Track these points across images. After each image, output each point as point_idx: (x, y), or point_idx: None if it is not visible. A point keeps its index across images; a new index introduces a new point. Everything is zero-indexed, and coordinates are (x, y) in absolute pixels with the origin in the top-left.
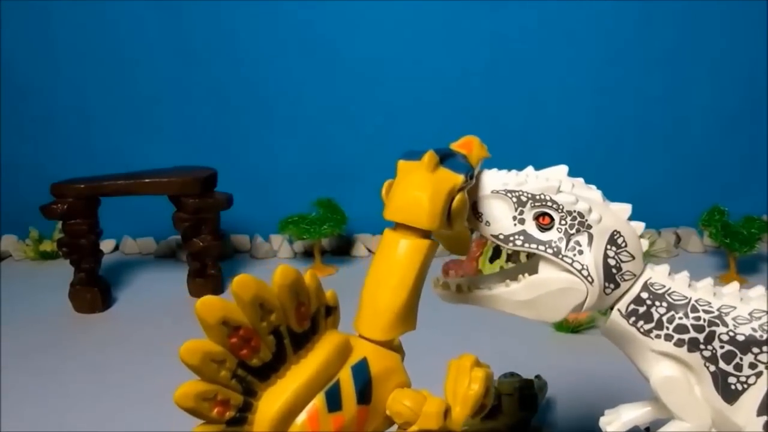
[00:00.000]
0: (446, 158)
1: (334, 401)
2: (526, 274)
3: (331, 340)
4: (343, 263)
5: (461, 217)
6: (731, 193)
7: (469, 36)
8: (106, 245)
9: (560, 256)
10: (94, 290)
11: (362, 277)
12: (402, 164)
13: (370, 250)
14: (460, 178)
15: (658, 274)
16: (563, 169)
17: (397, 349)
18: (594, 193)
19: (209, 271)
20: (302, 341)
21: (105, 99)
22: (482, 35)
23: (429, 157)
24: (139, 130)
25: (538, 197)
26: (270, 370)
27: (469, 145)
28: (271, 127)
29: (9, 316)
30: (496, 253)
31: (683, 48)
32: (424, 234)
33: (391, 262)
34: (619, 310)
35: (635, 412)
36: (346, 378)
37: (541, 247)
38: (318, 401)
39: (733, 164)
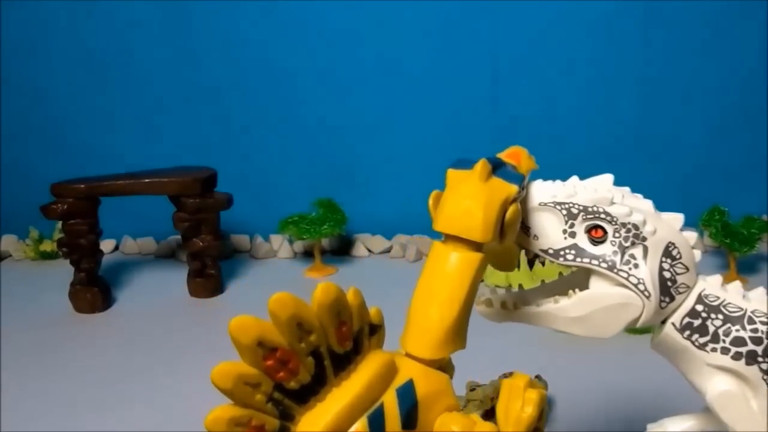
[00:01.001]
0: (498, 168)
1: (377, 426)
2: (577, 290)
3: (374, 361)
4: (343, 263)
5: (514, 230)
6: (731, 193)
7: (470, 36)
8: (106, 245)
9: (615, 271)
10: (94, 290)
11: (362, 277)
12: (452, 173)
13: (370, 250)
14: (514, 188)
15: (711, 286)
16: (609, 178)
17: (446, 368)
18: (645, 203)
19: (209, 271)
20: (344, 362)
21: (105, 99)
22: (483, 36)
23: (482, 165)
24: (139, 130)
25: (590, 209)
26: (309, 393)
27: (518, 156)
28: (271, 127)
29: (9, 316)
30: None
31: (683, 48)
32: (476, 247)
33: (441, 277)
34: (673, 323)
35: (681, 425)
36: (390, 401)
37: (594, 262)
38: (360, 426)
39: (733, 164)
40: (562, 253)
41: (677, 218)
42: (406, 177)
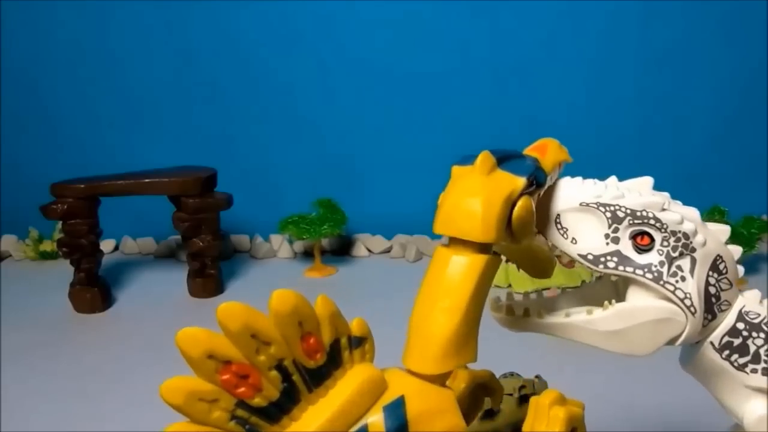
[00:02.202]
0: (506, 160)
1: None
2: (614, 301)
3: (357, 376)
4: (343, 263)
5: (526, 228)
6: (731, 193)
7: (471, 37)
8: (106, 245)
9: (661, 283)
10: (94, 290)
11: (362, 277)
12: (455, 170)
13: (370, 250)
14: (521, 181)
15: (751, 302)
16: (649, 181)
17: (488, 387)
18: (691, 211)
19: (209, 271)
20: (318, 377)
21: (105, 99)
22: (483, 35)
23: (483, 158)
24: (139, 130)
25: (638, 214)
26: (280, 412)
27: (543, 148)
28: (272, 127)
29: (9, 316)
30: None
31: (683, 48)
32: (481, 248)
33: (442, 283)
34: (711, 342)
35: None
36: (376, 420)
37: (639, 272)
38: None
39: (733, 164)
40: (602, 259)
41: (724, 230)
42: (406, 177)
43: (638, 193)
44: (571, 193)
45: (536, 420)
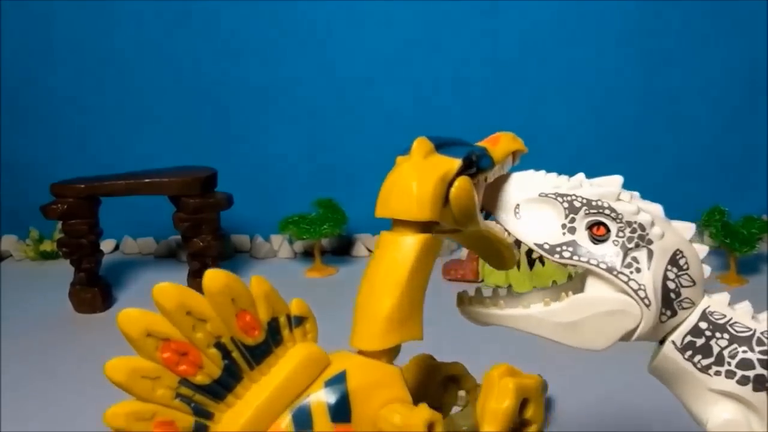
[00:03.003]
0: (445, 146)
1: (302, 421)
2: (570, 293)
3: (298, 353)
4: (343, 263)
5: (465, 208)
6: (731, 193)
7: (470, 36)
8: (107, 245)
9: (615, 273)
10: (94, 290)
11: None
12: (397, 159)
13: (370, 250)
14: (455, 162)
15: (717, 303)
16: (618, 180)
17: (438, 371)
18: (653, 205)
19: None
20: (259, 354)
21: (105, 99)
22: (483, 35)
23: (418, 143)
24: (140, 130)
25: (594, 203)
26: (224, 389)
27: (496, 139)
28: (271, 127)
29: (9, 316)
30: None
31: (683, 48)
32: (420, 228)
33: (381, 263)
34: (673, 342)
35: None
36: (317, 394)
37: (593, 261)
38: (282, 421)
39: (733, 164)
40: (558, 249)
41: (688, 227)
42: None
43: (599, 185)
44: (531, 184)
45: (487, 394)
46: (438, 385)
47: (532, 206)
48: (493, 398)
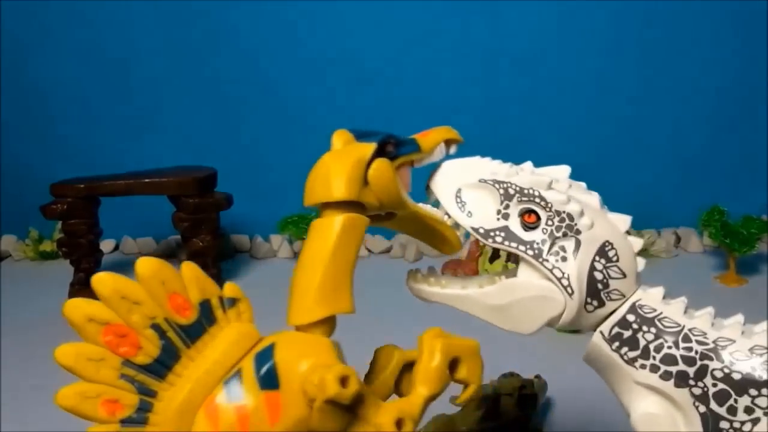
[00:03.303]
0: (366, 135)
1: (233, 391)
2: (503, 277)
3: (231, 331)
4: None
5: (386, 188)
6: (731, 193)
7: (470, 36)
8: (106, 245)
9: (540, 260)
10: None
11: (362, 277)
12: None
13: (369, 250)
14: (370, 146)
15: (650, 297)
16: (565, 169)
17: (397, 358)
18: (591, 198)
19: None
20: (194, 333)
21: (105, 99)
22: (483, 35)
23: (336, 134)
24: (139, 130)
25: (526, 191)
26: (164, 368)
27: (428, 131)
28: (271, 126)
29: (9, 316)
30: (497, 252)
31: (683, 48)
32: (345, 208)
33: (308, 245)
34: (601, 332)
35: None
36: (247, 366)
37: (522, 247)
38: (216, 391)
39: (733, 164)
40: (492, 234)
41: (623, 219)
42: None
43: (539, 175)
44: (473, 170)
45: (419, 356)
46: (402, 373)
47: (472, 191)
48: (422, 359)
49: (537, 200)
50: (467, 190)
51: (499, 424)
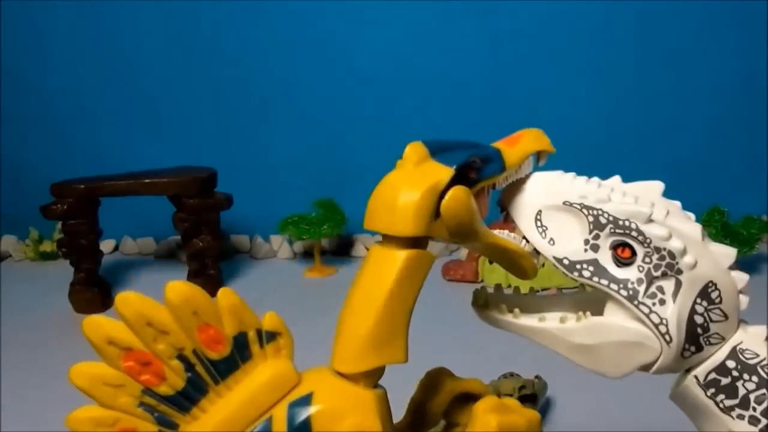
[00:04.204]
0: (444, 151)
1: None
2: (588, 313)
3: (267, 370)
4: (343, 263)
5: (459, 221)
6: (731, 193)
7: (470, 36)
8: (106, 245)
9: (636, 303)
10: (94, 290)
11: None
12: (397, 164)
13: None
14: (447, 171)
15: (752, 338)
16: (658, 186)
17: (452, 388)
18: (692, 227)
19: (209, 271)
20: (225, 370)
21: (105, 99)
22: (483, 35)
23: (410, 149)
24: (139, 130)
25: (621, 223)
26: (189, 402)
27: (516, 138)
28: (272, 127)
29: (9, 316)
30: None
31: (683, 48)
32: (409, 243)
33: (363, 279)
34: (696, 377)
35: None
36: (279, 415)
37: (614, 286)
38: None
39: (733, 164)
40: (578, 266)
41: (728, 254)
42: None
43: (634, 199)
44: (556, 189)
45: (471, 426)
46: (453, 402)
47: (555, 215)
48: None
49: (634, 234)
50: (549, 212)
51: None
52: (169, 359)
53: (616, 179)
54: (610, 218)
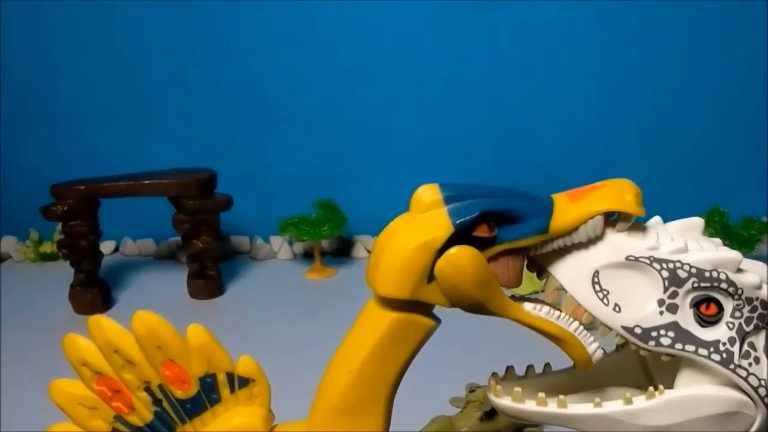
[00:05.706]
0: (459, 198)
1: None
2: (662, 387)
3: (234, 417)
4: (343, 265)
5: (456, 288)
6: (731, 193)
7: (470, 36)
8: (106, 246)
9: (732, 367)
10: (94, 291)
11: (362, 278)
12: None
13: (370, 252)
14: (443, 227)
15: None
16: (699, 224)
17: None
18: (759, 266)
19: (209, 272)
20: (191, 409)
21: (105, 99)
22: (483, 35)
23: (422, 191)
24: (139, 130)
25: (707, 275)
26: None
27: (586, 191)
28: (271, 127)
29: (9, 318)
30: None
31: (683, 48)
32: (400, 305)
33: (349, 336)
34: None
35: None
36: None
37: (703, 351)
38: None
39: (733, 164)
40: (654, 334)
41: None
42: (406, 178)
43: (714, 246)
44: (616, 243)
45: None
46: None
47: (618, 274)
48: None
49: (723, 286)
50: (609, 272)
51: (498, 425)
52: (137, 390)
53: (657, 220)
54: (692, 270)
